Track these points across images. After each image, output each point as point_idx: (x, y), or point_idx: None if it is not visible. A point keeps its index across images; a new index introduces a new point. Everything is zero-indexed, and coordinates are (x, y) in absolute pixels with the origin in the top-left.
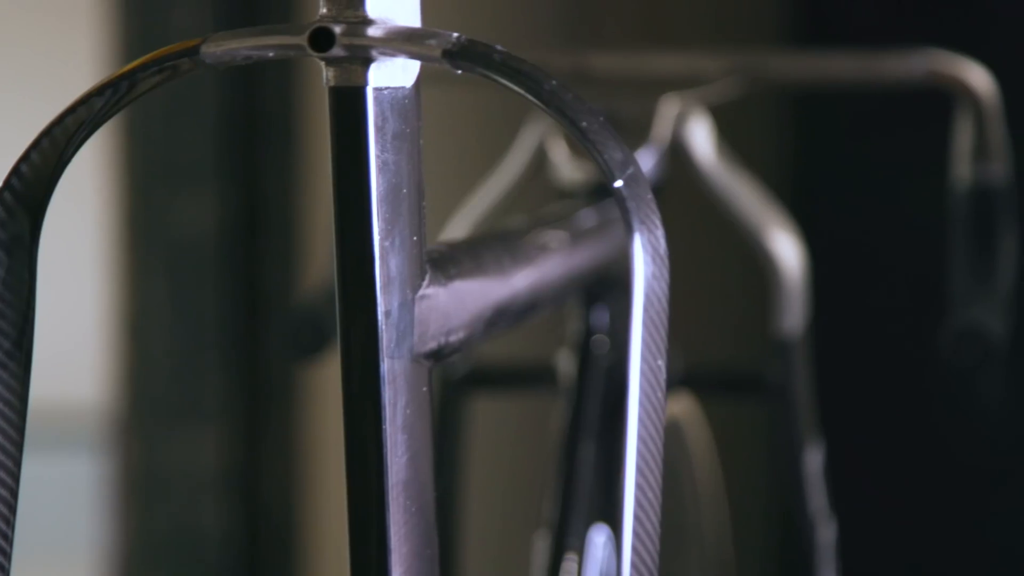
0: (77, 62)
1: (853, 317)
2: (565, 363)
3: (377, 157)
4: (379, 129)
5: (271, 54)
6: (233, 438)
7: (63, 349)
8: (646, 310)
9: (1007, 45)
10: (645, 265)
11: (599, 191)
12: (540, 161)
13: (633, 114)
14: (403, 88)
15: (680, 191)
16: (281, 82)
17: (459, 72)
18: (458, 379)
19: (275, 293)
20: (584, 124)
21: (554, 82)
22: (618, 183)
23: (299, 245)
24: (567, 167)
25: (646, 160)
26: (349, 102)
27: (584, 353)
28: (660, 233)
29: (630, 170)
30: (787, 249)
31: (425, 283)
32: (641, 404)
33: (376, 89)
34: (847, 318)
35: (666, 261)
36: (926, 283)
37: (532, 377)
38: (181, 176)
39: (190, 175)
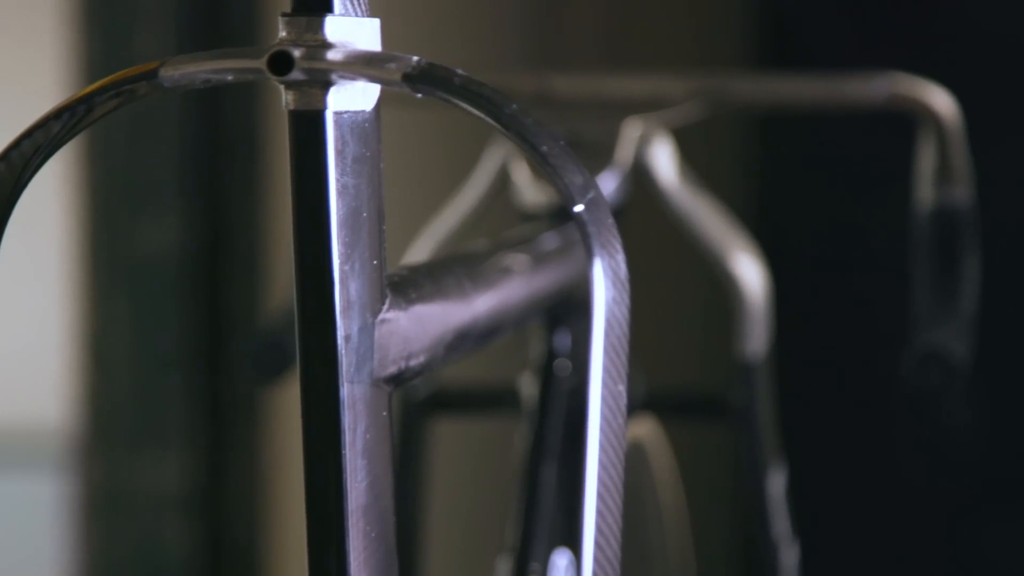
0: (40, 85)
1: (817, 340)
2: (527, 386)
3: (337, 181)
4: (339, 153)
5: (230, 77)
6: (196, 460)
7: (26, 370)
8: (607, 335)
9: (970, 69)
10: (606, 290)
11: (562, 214)
12: (503, 184)
13: (596, 137)
14: (363, 112)
15: (643, 214)
16: (245, 102)
17: (419, 96)
18: (419, 402)
19: (238, 315)
20: (544, 148)
21: (514, 106)
22: (578, 208)
23: (263, 267)
24: (529, 190)
25: (608, 183)
26: (309, 126)
27: (546, 376)
28: (621, 258)
29: (590, 195)
30: (750, 272)
31: (385, 307)
32: (601, 429)
33: (336, 113)
34: (811, 341)
35: (627, 286)
36: (890, 306)
37: (494, 400)
38: (144, 197)
39: (153, 196)
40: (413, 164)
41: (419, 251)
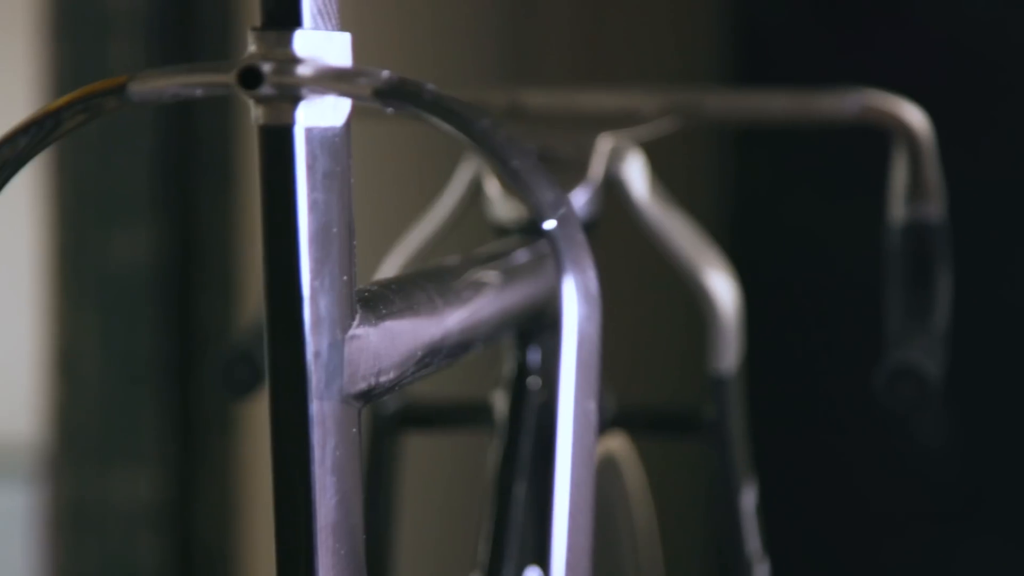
0: (10, 98)
1: (789, 355)
2: (499, 402)
3: (307, 196)
4: (309, 168)
5: (199, 92)
6: (167, 474)
7: None
8: (578, 352)
9: (943, 84)
10: (576, 307)
11: (534, 229)
12: (476, 198)
13: (568, 152)
14: (333, 127)
15: (616, 229)
16: (219, 115)
17: (390, 111)
18: (390, 418)
19: (210, 329)
20: (515, 164)
21: (485, 121)
22: (549, 224)
23: (235, 281)
24: (502, 205)
25: (580, 198)
26: (278, 141)
27: (517, 392)
28: (592, 274)
29: (561, 211)
30: (722, 287)
31: (355, 323)
32: (572, 446)
33: (306, 128)
34: (783, 356)
35: (598, 302)
36: (863, 321)
37: (465, 416)
38: (115, 210)
39: (124, 209)
40: (387, 178)
41: (391, 266)
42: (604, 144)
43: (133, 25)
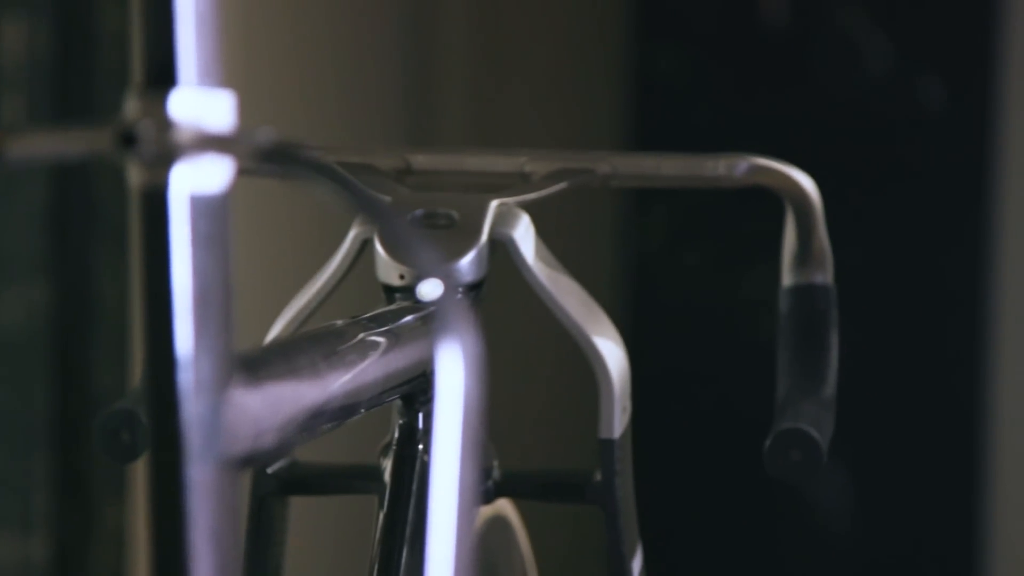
0: None
1: (680, 416)
2: (384, 466)
3: (184, 259)
4: (187, 231)
5: (75, 155)
6: (57, 540)
7: None
8: (455, 418)
9: (831, 151)
10: (457, 374)
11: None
12: (367, 259)
13: (456, 214)
14: (212, 189)
15: (505, 292)
16: (115, 173)
17: (269, 174)
18: (273, 481)
19: (102, 393)
20: (397, 229)
21: (366, 186)
22: (430, 290)
23: (128, 343)
24: (387, 267)
25: (468, 262)
26: (156, 203)
27: (401, 457)
28: (472, 339)
29: (444, 277)
30: (610, 350)
31: (234, 387)
32: (453, 513)
33: (183, 190)
34: (674, 417)
35: (480, 368)
36: (758, 382)
37: (351, 480)
38: (7, 271)
39: (15, 269)
40: (279, 237)
41: (280, 327)
42: (494, 206)
43: (20, 81)
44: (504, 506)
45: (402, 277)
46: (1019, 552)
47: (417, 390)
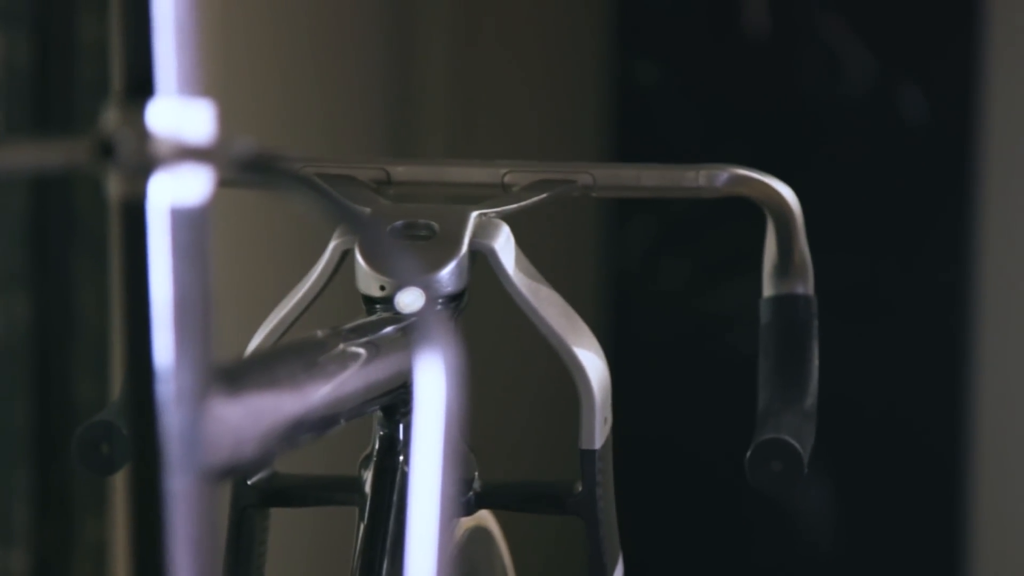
0: None
1: (662, 428)
2: (365, 477)
3: (163, 270)
4: (165, 241)
5: (53, 166)
6: (39, 554)
7: None
8: (434, 429)
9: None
10: (438, 385)
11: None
12: (347, 270)
13: (438, 225)
14: (191, 200)
15: (486, 304)
16: (94, 184)
17: (249, 185)
18: (254, 492)
19: (84, 406)
20: (377, 240)
21: (347, 198)
22: (411, 301)
23: (111, 355)
24: (368, 278)
25: (448, 273)
26: (134, 214)
27: (382, 468)
28: (450, 350)
29: (424, 288)
30: (591, 360)
31: (214, 399)
32: (432, 524)
33: (161, 201)
34: (656, 429)
35: (461, 379)
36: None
37: (332, 491)
38: None
39: None
40: (260, 247)
41: (260, 339)
42: (475, 217)
43: (9, 87)
44: (485, 517)
45: (382, 288)
46: (1001, 561)
47: (398, 401)
